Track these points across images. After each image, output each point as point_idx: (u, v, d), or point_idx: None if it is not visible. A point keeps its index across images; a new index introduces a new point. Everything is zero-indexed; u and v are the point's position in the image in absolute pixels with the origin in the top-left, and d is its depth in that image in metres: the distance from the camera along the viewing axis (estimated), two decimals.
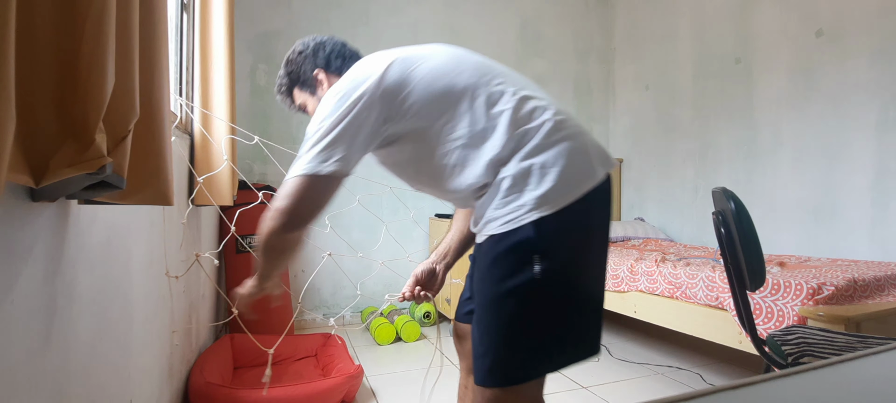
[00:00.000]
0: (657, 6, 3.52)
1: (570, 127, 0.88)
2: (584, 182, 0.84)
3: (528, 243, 0.81)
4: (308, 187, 0.83)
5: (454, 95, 0.86)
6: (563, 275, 0.83)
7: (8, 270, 0.64)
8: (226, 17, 1.86)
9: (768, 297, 1.67)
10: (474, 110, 0.86)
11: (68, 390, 0.82)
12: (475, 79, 0.88)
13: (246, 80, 2.95)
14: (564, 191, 0.82)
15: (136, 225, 1.18)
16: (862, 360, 0.40)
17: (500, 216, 0.84)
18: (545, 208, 0.81)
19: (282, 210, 0.83)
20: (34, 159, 0.57)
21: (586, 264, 0.87)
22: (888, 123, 2.21)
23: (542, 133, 0.85)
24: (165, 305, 1.45)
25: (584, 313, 0.87)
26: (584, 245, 0.86)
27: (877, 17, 2.25)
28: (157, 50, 0.80)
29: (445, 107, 0.86)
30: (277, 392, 1.67)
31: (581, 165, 0.85)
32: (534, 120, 0.86)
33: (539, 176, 0.83)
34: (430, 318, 3.08)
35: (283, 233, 0.85)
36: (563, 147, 0.85)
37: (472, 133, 0.86)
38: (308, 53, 1.07)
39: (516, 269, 0.82)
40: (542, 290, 0.82)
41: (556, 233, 0.82)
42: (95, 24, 0.57)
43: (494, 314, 0.84)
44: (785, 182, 2.64)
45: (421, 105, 0.86)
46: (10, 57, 0.45)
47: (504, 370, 0.84)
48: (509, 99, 0.87)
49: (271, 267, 0.95)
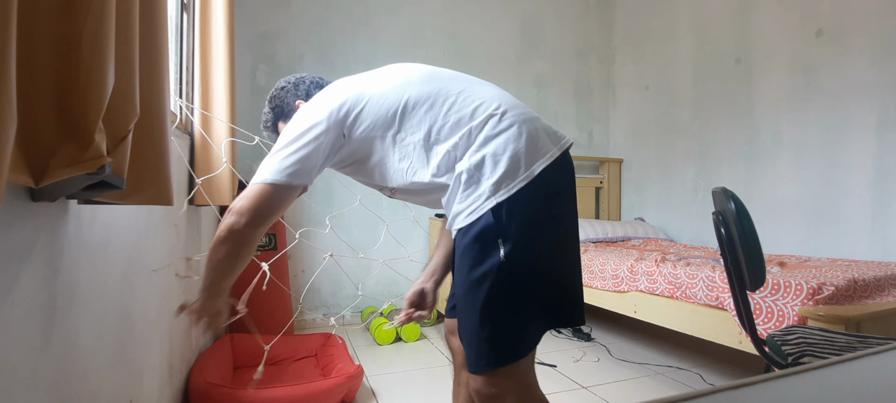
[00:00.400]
0: (657, 6, 3.52)
1: (513, 115, 0.94)
2: (535, 161, 0.90)
3: (491, 229, 0.88)
4: (271, 193, 0.91)
5: (403, 110, 0.95)
6: (527, 253, 0.89)
7: (8, 270, 0.64)
8: (226, 17, 1.86)
9: (768, 297, 1.67)
10: (423, 119, 0.95)
11: (68, 390, 0.82)
12: (423, 93, 0.96)
13: (246, 80, 2.94)
14: (516, 173, 0.89)
15: (136, 225, 1.18)
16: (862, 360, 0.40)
17: (464, 209, 0.91)
18: (501, 193, 0.88)
19: (245, 209, 0.90)
20: (34, 159, 0.57)
21: (551, 237, 0.93)
22: (888, 123, 2.21)
23: (489, 126, 0.92)
24: (165, 305, 1.45)
25: (558, 285, 0.94)
26: (545, 220, 0.92)
27: (877, 17, 2.25)
28: (157, 50, 0.80)
29: (393, 120, 0.96)
30: (277, 392, 1.67)
31: (530, 147, 0.91)
32: (477, 117, 0.94)
33: (492, 164, 0.89)
34: (430, 318, 3.08)
35: (245, 231, 0.91)
36: (509, 134, 0.91)
37: (424, 138, 0.95)
38: (289, 88, 1.17)
39: (484, 255, 0.88)
40: (510, 270, 0.87)
41: (515, 215, 0.88)
42: (95, 23, 0.57)
43: (471, 301, 0.90)
44: (785, 182, 2.64)
45: (371, 122, 0.96)
46: (10, 57, 0.45)
47: (490, 353, 0.89)
48: (452, 103, 0.96)
49: (221, 275, 0.96)
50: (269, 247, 2.49)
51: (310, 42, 3.10)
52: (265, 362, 1.59)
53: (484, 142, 0.91)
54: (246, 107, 2.93)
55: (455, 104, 0.96)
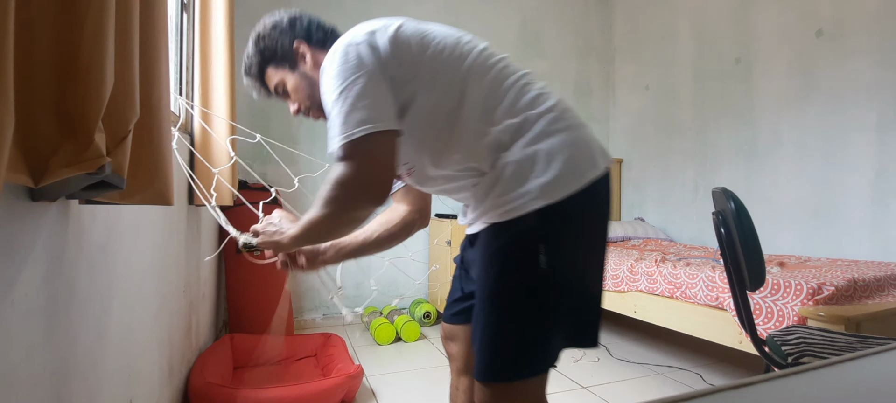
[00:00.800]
0: (657, 6, 3.52)
1: (572, 117, 0.86)
2: (588, 172, 0.82)
3: (533, 232, 0.79)
4: (368, 151, 0.78)
5: (458, 71, 0.84)
6: (571, 266, 0.81)
7: (8, 270, 0.64)
8: (226, 17, 1.86)
9: (768, 297, 1.67)
10: (477, 89, 0.83)
11: (68, 390, 0.82)
12: (479, 59, 0.86)
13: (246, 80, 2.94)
14: (570, 179, 0.80)
15: (136, 225, 1.18)
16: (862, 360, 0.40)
17: (503, 204, 0.80)
18: (550, 196, 0.78)
19: (345, 182, 0.79)
20: (33, 159, 0.57)
21: (591, 255, 0.86)
22: (888, 123, 2.21)
23: (547, 120, 0.83)
24: (165, 305, 1.45)
25: (589, 304, 0.86)
26: (588, 235, 0.85)
27: (877, 17, 2.25)
28: (157, 50, 0.80)
29: (448, 80, 0.83)
30: (277, 392, 1.67)
31: (584, 155, 0.83)
32: (537, 106, 0.84)
33: (545, 163, 0.80)
34: (430, 318, 3.08)
35: (349, 211, 0.82)
36: (567, 136, 0.83)
37: (473, 111, 0.83)
38: (284, 26, 0.99)
39: (521, 260, 0.80)
40: (548, 282, 0.79)
41: (561, 223, 0.80)
42: (95, 23, 0.57)
43: (499, 307, 0.82)
44: (785, 182, 2.64)
45: (427, 72, 0.83)
46: (9, 56, 0.45)
47: (509, 364, 0.81)
48: (513, 82, 0.86)
49: (319, 238, 0.92)
50: None
51: None
52: None
53: (539, 136, 0.81)
54: (246, 106, 2.93)
55: (517, 84, 0.85)
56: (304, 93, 1.00)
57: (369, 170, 0.79)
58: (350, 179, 0.79)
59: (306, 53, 0.98)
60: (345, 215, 0.84)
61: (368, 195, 0.80)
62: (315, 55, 0.97)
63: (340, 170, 0.79)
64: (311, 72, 0.97)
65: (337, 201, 0.82)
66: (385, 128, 0.77)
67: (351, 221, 0.87)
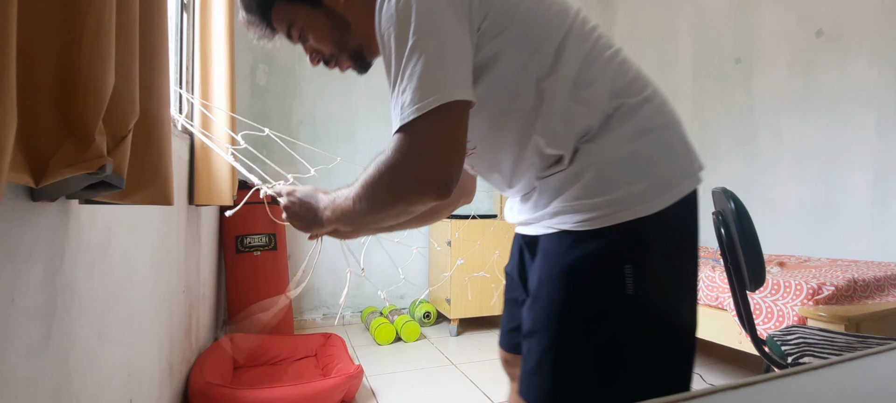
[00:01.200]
0: (657, 6, 3.52)
1: (670, 112, 0.72)
2: (685, 181, 0.68)
3: (618, 249, 0.64)
4: (440, 129, 0.60)
5: (556, 30, 0.67)
6: (660, 295, 0.66)
7: (8, 270, 0.64)
8: (226, 17, 1.86)
9: (768, 297, 1.67)
10: (573, 57, 0.67)
11: (68, 390, 0.82)
12: (577, 21, 0.69)
13: (246, 80, 2.95)
14: (666, 188, 0.65)
15: (136, 225, 1.18)
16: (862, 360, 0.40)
17: (584, 209, 0.65)
18: (646, 206, 0.64)
19: (404, 165, 0.61)
20: (34, 159, 0.57)
21: (685, 282, 0.70)
22: (888, 123, 2.21)
23: (646, 113, 0.68)
24: (165, 305, 1.45)
25: (679, 345, 0.68)
26: (682, 258, 0.69)
27: (877, 17, 2.25)
28: (158, 50, 0.79)
29: (543, 40, 0.66)
30: (277, 392, 1.67)
31: (684, 160, 0.69)
32: (636, 93, 0.69)
33: (644, 165, 0.66)
34: (430, 318, 3.08)
35: (401, 203, 0.65)
36: (666, 135, 0.69)
37: (563, 84, 0.66)
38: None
39: (602, 283, 0.65)
40: (633, 314, 0.64)
41: (654, 241, 0.65)
42: (95, 23, 0.57)
43: (563, 334, 0.67)
44: (785, 182, 2.64)
45: (520, 26, 0.66)
46: (11, 57, 0.45)
47: (567, 396, 0.67)
48: (611, 56, 0.69)
49: (357, 226, 0.76)
50: (269, 247, 2.49)
51: None
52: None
53: (636, 132, 0.66)
54: (246, 106, 2.94)
55: (614, 60, 0.69)
56: (330, 39, 0.78)
57: (437, 155, 0.60)
58: (410, 163, 0.61)
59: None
60: (396, 209, 0.66)
61: (431, 187, 0.61)
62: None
63: (398, 151, 0.61)
64: (344, 9, 0.76)
65: (389, 189, 0.64)
66: (464, 97, 0.60)
67: (403, 215, 0.68)
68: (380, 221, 0.72)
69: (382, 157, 0.64)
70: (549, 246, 0.70)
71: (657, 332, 0.66)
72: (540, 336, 0.69)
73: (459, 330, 2.94)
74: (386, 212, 0.67)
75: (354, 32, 0.77)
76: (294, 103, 3.08)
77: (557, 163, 0.69)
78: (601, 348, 0.65)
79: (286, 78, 3.06)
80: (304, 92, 3.10)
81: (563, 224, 0.67)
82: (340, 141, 3.17)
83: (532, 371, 0.70)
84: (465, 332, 2.96)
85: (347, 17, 0.76)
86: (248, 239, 2.44)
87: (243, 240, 2.43)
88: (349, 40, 0.78)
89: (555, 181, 0.69)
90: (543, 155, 0.69)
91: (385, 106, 3.27)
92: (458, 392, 2.07)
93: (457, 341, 2.79)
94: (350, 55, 0.80)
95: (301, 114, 3.10)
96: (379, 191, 0.65)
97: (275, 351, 2.22)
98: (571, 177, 0.67)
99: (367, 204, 0.67)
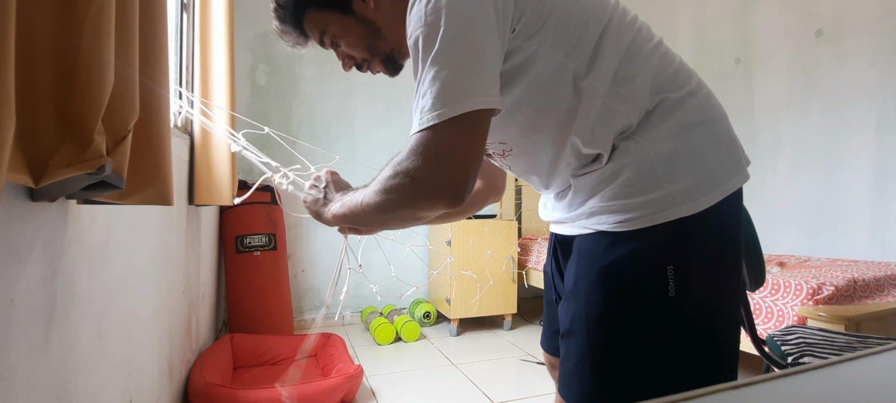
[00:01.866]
0: (657, 6, 3.52)
1: (716, 105, 0.69)
2: (732, 177, 0.65)
3: (660, 250, 0.62)
4: (460, 135, 0.57)
5: (596, 23, 0.64)
6: (704, 298, 0.64)
7: (8, 270, 0.64)
8: (226, 17, 1.86)
9: (768, 297, 1.67)
10: (612, 52, 0.64)
11: (68, 390, 0.82)
12: (617, 13, 0.67)
13: (246, 80, 2.95)
14: (711, 186, 0.63)
15: (136, 225, 1.18)
16: (862, 360, 0.40)
17: (623, 208, 0.64)
18: (688, 206, 0.62)
19: (418, 171, 0.58)
20: (33, 159, 0.57)
21: (729, 286, 0.68)
22: (888, 123, 2.21)
23: (690, 107, 0.66)
24: (165, 305, 1.45)
25: (723, 351, 0.66)
26: (727, 259, 0.67)
27: (877, 18, 2.25)
28: (157, 50, 0.79)
29: (581, 35, 0.63)
30: (277, 392, 1.67)
31: (730, 156, 0.67)
32: (679, 87, 0.66)
33: (688, 163, 0.63)
34: (430, 318, 3.08)
35: (411, 208, 0.63)
36: (711, 130, 0.66)
37: (603, 79, 0.64)
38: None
39: (643, 286, 0.63)
40: (674, 318, 0.63)
41: (698, 242, 0.63)
42: (95, 23, 0.57)
43: (603, 336, 0.66)
44: (785, 182, 2.64)
45: (557, 22, 0.63)
46: (10, 57, 0.45)
47: (608, 398, 0.66)
48: (653, 49, 0.67)
49: (368, 224, 0.74)
50: (269, 247, 2.49)
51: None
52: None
53: (679, 129, 0.64)
54: (246, 106, 2.94)
55: (657, 53, 0.67)
56: (362, 45, 0.78)
57: (451, 163, 0.58)
58: (424, 169, 0.58)
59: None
60: (404, 212, 0.64)
61: (443, 193, 0.59)
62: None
63: (412, 154, 0.59)
64: (374, 15, 0.75)
65: (400, 192, 0.62)
66: (486, 106, 0.57)
67: (411, 219, 0.67)
68: (387, 223, 0.71)
69: (397, 158, 0.62)
70: (586, 246, 0.69)
71: (701, 335, 0.64)
72: (578, 337, 0.68)
73: (459, 330, 2.94)
74: (393, 214, 0.65)
75: (385, 36, 0.77)
76: (294, 103, 3.08)
77: (595, 161, 0.67)
78: (643, 349, 0.64)
79: (286, 78, 3.06)
80: (304, 92, 3.10)
81: (601, 224, 0.66)
82: (340, 140, 3.17)
83: (572, 371, 0.69)
84: (465, 332, 2.96)
85: (378, 22, 0.76)
86: (248, 239, 2.44)
87: (243, 240, 2.43)
88: (380, 45, 0.78)
89: (591, 179, 0.67)
90: (581, 154, 0.67)
91: (384, 106, 3.27)
92: (458, 392, 2.06)
93: (457, 341, 2.79)
94: (382, 59, 0.80)
95: (301, 114, 3.10)
96: (389, 193, 0.63)
97: (275, 351, 2.22)
98: (609, 175, 0.65)
99: (376, 204, 0.66)
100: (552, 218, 0.79)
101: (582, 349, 0.68)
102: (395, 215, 0.66)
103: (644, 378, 0.64)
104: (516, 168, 0.78)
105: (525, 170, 0.77)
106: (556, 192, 0.77)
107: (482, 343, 2.74)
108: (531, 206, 3.45)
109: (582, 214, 0.69)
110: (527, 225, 3.47)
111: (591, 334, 0.67)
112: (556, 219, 0.77)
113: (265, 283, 2.45)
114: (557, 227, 0.80)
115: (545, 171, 0.74)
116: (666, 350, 0.64)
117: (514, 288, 2.99)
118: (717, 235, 0.65)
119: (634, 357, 0.64)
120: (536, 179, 0.78)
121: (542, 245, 3.06)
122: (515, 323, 3.09)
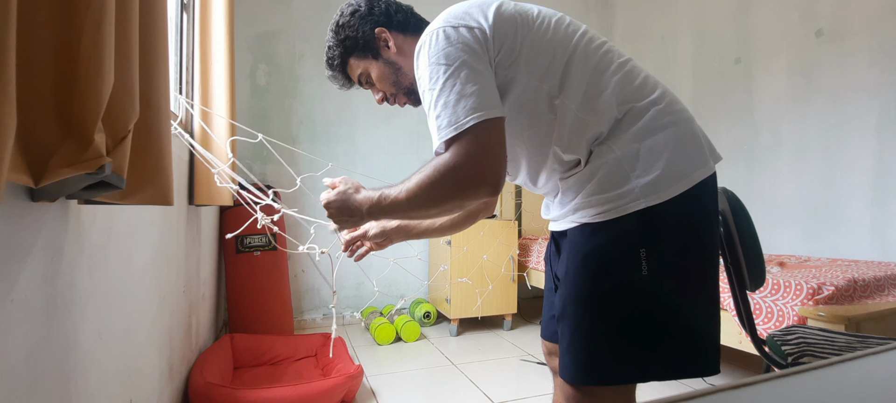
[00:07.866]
0: (657, 6, 3.52)
1: (679, 110, 0.80)
2: (696, 171, 0.75)
3: (633, 235, 0.73)
4: (481, 139, 0.71)
5: (562, 53, 0.78)
6: (674, 277, 0.74)
7: (8, 270, 0.64)
8: (226, 17, 1.86)
9: (768, 297, 1.66)
10: (579, 74, 0.78)
11: (68, 390, 0.82)
12: (582, 42, 0.80)
13: (246, 80, 2.95)
14: (675, 176, 0.73)
15: (136, 225, 1.18)
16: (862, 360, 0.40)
17: (599, 203, 0.75)
18: (654, 196, 0.72)
19: (458, 167, 0.71)
20: (33, 159, 0.57)
21: (700, 266, 0.77)
22: (888, 123, 2.21)
23: (651, 116, 0.77)
24: (165, 305, 1.45)
25: (698, 324, 0.76)
26: (697, 243, 0.76)
27: (877, 17, 2.25)
28: (157, 50, 0.79)
29: (549, 63, 0.78)
30: (277, 392, 1.67)
31: (693, 152, 0.77)
32: (643, 97, 0.78)
33: (648, 160, 0.74)
34: (430, 318, 3.08)
35: (457, 198, 0.74)
36: (674, 131, 0.76)
37: (573, 98, 0.77)
38: (363, 12, 0.94)
39: (619, 266, 0.74)
40: (650, 291, 0.73)
41: (666, 227, 0.73)
42: (94, 23, 0.57)
43: (592, 312, 0.76)
44: (785, 182, 2.64)
45: (529, 54, 0.78)
46: (10, 57, 0.45)
47: (598, 368, 0.76)
48: (617, 68, 0.79)
49: (405, 213, 0.82)
50: (269, 247, 2.49)
51: (310, 42, 3.10)
52: None
53: (643, 132, 0.76)
54: (246, 106, 2.94)
55: (621, 71, 0.79)
56: (389, 81, 0.97)
57: (484, 158, 0.71)
58: (463, 165, 0.71)
59: (388, 39, 0.94)
60: (451, 202, 0.75)
61: (482, 183, 0.72)
62: (397, 39, 0.95)
63: (450, 157, 0.72)
64: (396, 58, 0.95)
65: (447, 187, 0.73)
66: (497, 115, 0.72)
67: (455, 209, 0.80)
68: (433, 215, 0.81)
69: (439, 161, 0.73)
70: (574, 237, 0.80)
71: (676, 307, 0.74)
72: (569, 318, 0.79)
73: (459, 330, 2.94)
74: (440, 207, 0.77)
75: (405, 73, 0.95)
76: (294, 103, 3.08)
77: (576, 166, 0.80)
78: (625, 322, 0.74)
79: (286, 78, 3.06)
80: (304, 92, 3.10)
81: (583, 217, 0.78)
82: (340, 140, 3.17)
83: (566, 350, 0.79)
84: (466, 332, 2.96)
85: (398, 62, 0.95)
86: (248, 239, 2.44)
87: (243, 240, 2.43)
88: (402, 80, 0.96)
89: (575, 181, 0.80)
90: (562, 160, 0.81)
91: (384, 107, 3.27)
92: (458, 392, 2.07)
93: (457, 341, 2.79)
94: (405, 92, 0.98)
95: (301, 115, 3.10)
96: (436, 189, 0.74)
97: (275, 351, 2.22)
98: (588, 176, 0.78)
99: (423, 199, 0.76)
100: (550, 216, 0.91)
101: (572, 327, 0.79)
102: (441, 208, 0.77)
103: (628, 349, 0.74)
104: (512, 174, 0.92)
105: (519, 176, 0.91)
106: (552, 195, 0.90)
107: (482, 344, 2.74)
108: (530, 207, 3.45)
109: (570, 211, 0.81)
110: (527, 225, 3.47)
111: (578, 312, 0.78)
112: (552, 217, 0.89)
113: (265, 283, 2.45)
114: (554, 224, 0.91)
115: (534, 175, 0.88)
116: (645, 322, 0.74)
117: (514, 289, 2.99)
118: (685, 221, 0.75)
119: (618, 330, 0.75)
120: (529, 182, 0.91)
121: (542, 245, 3.06)
122: (516, 324, 3.09)
